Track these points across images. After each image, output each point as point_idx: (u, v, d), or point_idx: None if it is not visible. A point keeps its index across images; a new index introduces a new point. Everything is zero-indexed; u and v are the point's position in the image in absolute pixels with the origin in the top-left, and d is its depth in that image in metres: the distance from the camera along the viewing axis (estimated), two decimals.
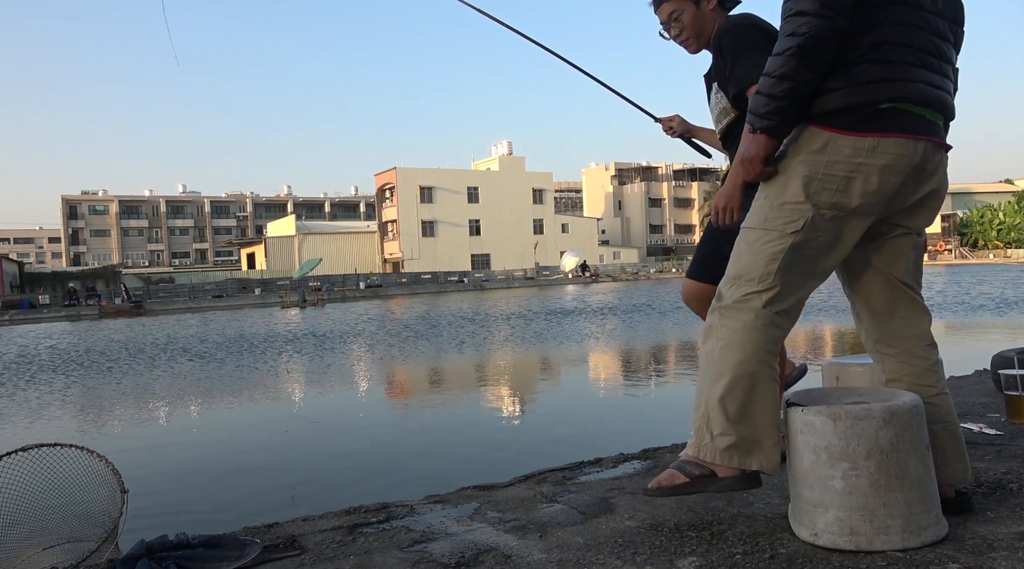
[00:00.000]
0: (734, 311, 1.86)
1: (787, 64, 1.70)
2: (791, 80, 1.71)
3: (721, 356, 1.85)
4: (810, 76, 1.72)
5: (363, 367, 11.83)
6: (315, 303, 38.84)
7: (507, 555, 1.85)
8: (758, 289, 1.84)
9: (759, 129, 1.80)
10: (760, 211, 1.86)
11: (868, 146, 1.72)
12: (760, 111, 1.78)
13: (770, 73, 1.74)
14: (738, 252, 1.90)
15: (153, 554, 1.95)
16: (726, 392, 1.82)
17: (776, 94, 1.73)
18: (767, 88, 1.75)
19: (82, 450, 2.39)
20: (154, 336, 20.16)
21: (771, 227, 1.83)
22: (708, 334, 1.92)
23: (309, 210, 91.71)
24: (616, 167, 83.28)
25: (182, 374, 11.43)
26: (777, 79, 1.72)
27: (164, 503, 4.60)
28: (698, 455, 1.87)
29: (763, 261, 1.83)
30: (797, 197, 1.79)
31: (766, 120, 1.78)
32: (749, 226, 1.89)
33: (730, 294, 1.88)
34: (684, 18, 2.34)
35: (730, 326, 1.86)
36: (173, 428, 7.54)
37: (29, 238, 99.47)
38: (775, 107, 1.75)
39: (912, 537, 1.66)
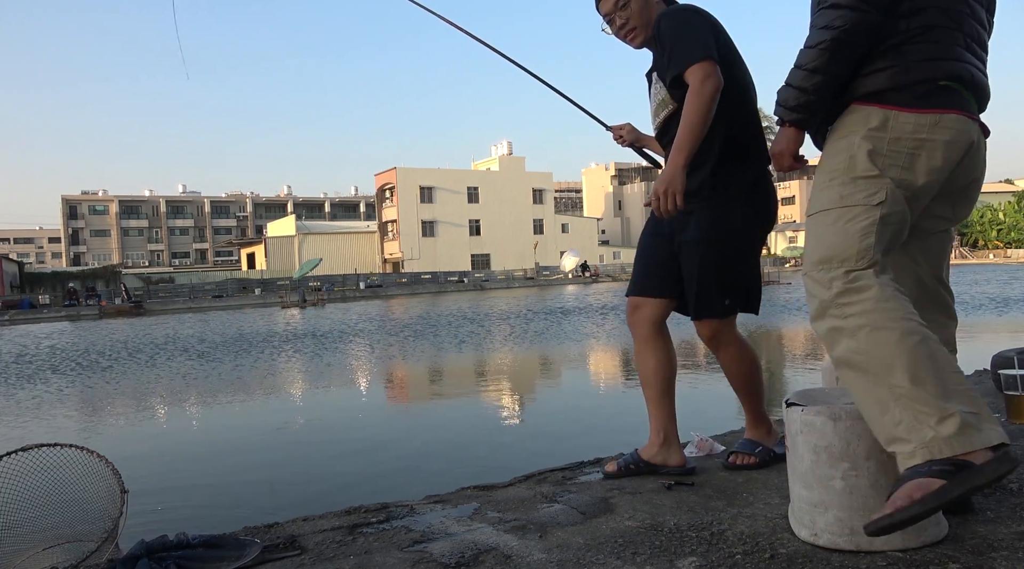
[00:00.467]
0: (851, 295, 1.66)
1: (820, 58, 1.69)
2: (823, 74, 1.70)
3: (875, 344, 1.60)
4: (842, 70, 1.71)
5: (363, 367, 11.83)
6: (315, 303, 38.84)
7: (507, 555, 1.85)
8: (859, 267, 1.68)
9: (789, 122, 1.79)
10: (830, 190, 1.77)
11: (930, 122, 1.69)
12: (790, 104, 1.77)
13: (802, 66, 1.72)
14: (818, 236, 1.76)
15: (153, 554, 1.95)
16: (913, 375, 1.55)
17: (807, 87, 1.72)
18: (798, 81, 1.73)
19: (82, 450, 2.39)
20: (154, 336, 20.16)
21: (853, 202, 1.72)
22: (835, 337, 1.68)
23: (309, 210, 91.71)
24: (616, 167, 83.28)
25: (182, 374, 11.43)
26: (809, 72, 1.71)
27: (164, 503, 4.61)
28: (932, 456, 1.51)
29: (856, 237, 1.69)
30: (870, 170, 1.71)
31: (796, 113, 1.77)
32: (824, 208, 1.77)
33: (831, 281, 1.69)
34: (633, 4, 2.31)
35: (859, 311, 1.64)
36: (173, 428, 7.54)
37: (29, 238, 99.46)
38: (805, 101, 1.74)
39: (912, 537, 1.66)
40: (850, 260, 1.68)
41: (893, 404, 1.56)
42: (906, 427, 1.54)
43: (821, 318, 1.71)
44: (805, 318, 16.65)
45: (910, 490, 1.49)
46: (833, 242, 1.71)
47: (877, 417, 1.60)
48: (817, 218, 1.79)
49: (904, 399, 1.54)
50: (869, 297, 1.63)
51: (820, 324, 1.71)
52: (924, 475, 1.49)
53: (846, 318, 1.65)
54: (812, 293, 1.74)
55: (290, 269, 57.76)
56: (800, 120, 1.78)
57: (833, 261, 1.70)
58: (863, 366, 1.61)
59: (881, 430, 1.59)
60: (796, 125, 1.79)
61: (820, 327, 1.72)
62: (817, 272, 1.72)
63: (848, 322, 1.64)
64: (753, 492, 2.23)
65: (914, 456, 1.52)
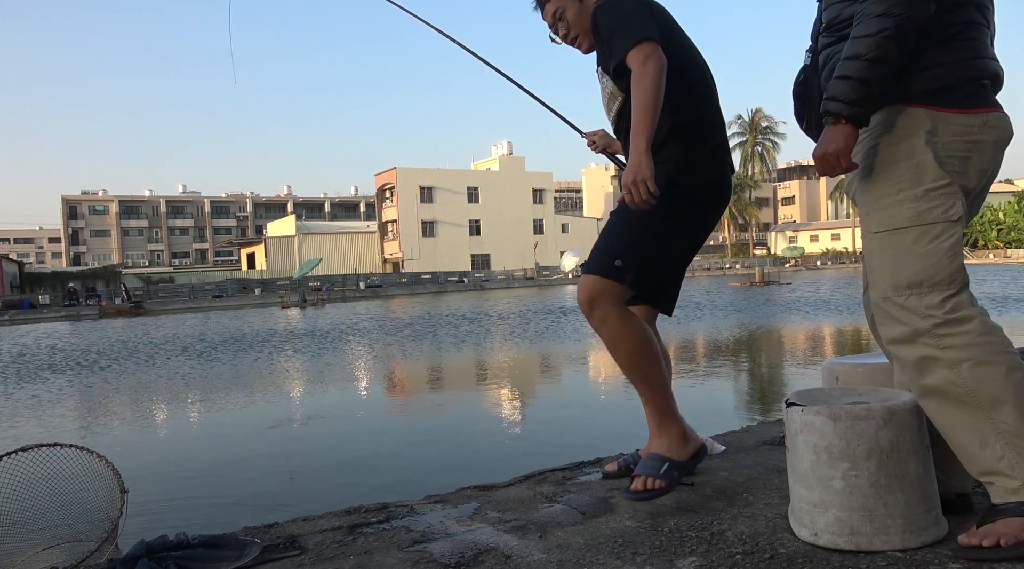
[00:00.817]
0: (952, 326, 1.59)
1: (883, 47, 1.58)
2: (886, 64, 1.60)
3: (980, 379, 1.57)
4: (903, 60, 1.61)
5: (363, 366, 11.83)
6: (315, 303, 38.84)
7: (507, 555, 1.85)
8: (953, 290, 1.61)
9: (848, 117, 1.65)
10: (902, 206, 1.65)
11: (979, 122, 1.64)
12: (850, 98, 1.63)
13: (860, 56, 1.61)
14: (900, 258, 1.66)
15: (153, 554, 1.95)
16: (1021, 412, 1.55)
17: (870, 79, 1.60)
18: (858, 72, 1.61)
19: (82, 450, 2.39)
20: (154, 336, 20.16)
21: (932, 219, 1.62)
22: (929, 366, 1.62)
23: (309, 210, 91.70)
24: (616, 167, 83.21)
25: (182, 373, 11.43)
26: (870, 62, 1.60)
27: (164, 503, 4.61)
28: None
29: (945, 258, 1.61)
30: (940, 179, 1.63)
31: (857, 107, 1.63)
32: (899, 226, 1.66)
33: (926, 309, 1.62)
34: (568, 15, 2.25)
35: (961, 343, 1.59)
36: (173, 428, 7.54)
37: (29, 238, 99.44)
38: (867, 93, 1.62)
39: (912, 537, 1.66)
40: (942, 284, 1.61)
41: (995, 439, 1.57)
42: (1009, 463, 1.56)
43: (910, 344, 1.64)
44: (805, 318, 16.67)
45: (1014, 526, 1.53)
46: (922, 266, 1.63)
47: (974, 450, 1.60)
48: (892, 238, 1.68)
49: (1008, 435, 1.56)
50: (971, 329, 1.59)
51: (908, 351, 1.65)
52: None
53: (945, 349, 1.59)
54: (899, 319, 1.66)
55: (290, 269, 57.76)
56: (860, 115, 1.65)
57: (924, 286, 1.62)
58: (962, 399, 1.59)
59: (976, 462, 1.61)
60: (854, 121, 1.66)
61: (908, 354, 1.65)
62: (905, 298, 1.65)
63: (948, 354, 1.59)
64: (753, 492, 2.23)
65: (1019, 493, 1.56)
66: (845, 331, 13.57)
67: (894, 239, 1.67)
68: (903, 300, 1.65)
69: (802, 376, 8.52)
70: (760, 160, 74.88)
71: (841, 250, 65.82)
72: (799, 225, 76.55)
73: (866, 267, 1.81)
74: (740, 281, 37.95)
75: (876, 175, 1.71)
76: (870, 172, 1.73)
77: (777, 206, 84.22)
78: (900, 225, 1.67)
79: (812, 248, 69.49)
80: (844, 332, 13.43)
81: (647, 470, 2.13)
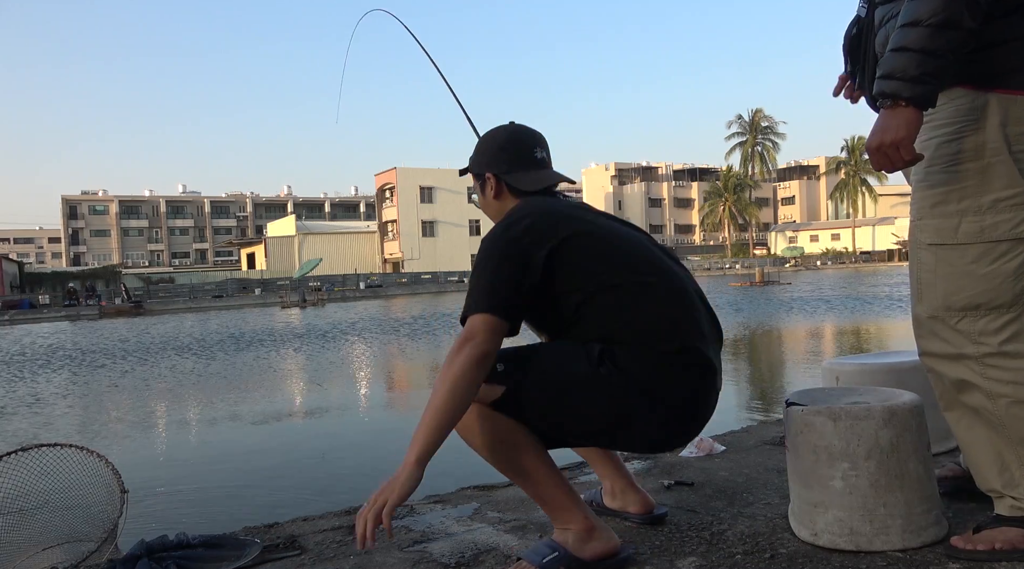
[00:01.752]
0: (1001, 359, 1.47)
1: (950, 7, 1.30)
2: (955, 28, 1.32)
3: (1015, 416, 1.49)
4: (975, 24, 1.33)
5: (363, 366, 11.83)
6: (315, 303, 38.84)
7: (507, 555, 1.85)
8: (1012, 317, 1.46)
9: (909, 98, 1.37)
10: (963, 219, 1.46)
11: None
12: (910, 74, 1.35)
13: (922, 20, 1.33)
14: (955, 278, 1.49)
15: (153, 554, 1.95)
16: None
17: (936, 49, 1.32)
18: (920, 42, 1.33)
19: (82, 450, 2.39)
20: (154, 336, 20.16)
21: (997, 237, 1.44)
22: (968, 388, 1.53)
23: (309, 210, 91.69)
24: (616, 167, 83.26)
25: (182, 373, 11.43)
26: (935, 28, 1.32)
27: (164, 503, 4.61)
28: None
29: (1008, 281, 1.44)
30: (1012, 187, 1.41)
31: (920, 85, 1.35)
32: (955, 243, 1.48)
33: (979, 336, 1.48)
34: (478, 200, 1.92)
35: (1005, 379, 1.47)
36: (173, 427, 7.54)
37: (29, 238, 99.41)
38: (934, 67, 1.34)
39: (912, 537, 1.66)
40: (1002, 309, 1.46)
41: (1016, 468, 1.53)
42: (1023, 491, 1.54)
43: (952, 363, 1.54)
44: (804, 318, 16.66)
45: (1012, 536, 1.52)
46: (981, 289, 1.46)
47: (991, 470, 1.57)
48: (949, 253, 1.49)
49: None
50: (1019, 367, 1.46)
51: (948, 368, 1.55)
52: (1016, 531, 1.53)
53: (988, 380, 1.49)
54: (946, 340, 1.53)
55: (290, 269, 57.75)
56: (926, 93, 1.36)
57: (981, 310, 1.47)
58: (993, 424, 1.53)
59: (988, 481, 1.59)
60: (917, 102, 1.37)
61: (947, 371, 1.55)
62: (956, 320, 1.51)
63: (990, 385, 1.49)
64: (753, 492, 2.23)
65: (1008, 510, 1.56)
66: (845, 331, 13.57)
67: (952, 255, 1.49)
68: (955, 323, 1.51)
69: (802, 376, 8.51)
70: (760, 160, 74.90)
71: (841, 250, 65.78)
72: (799, 225, 76.53)
73: (914, 278, 1.61)
74: (740, 281, 37.94)
75: (934, 175, 1.50)
76: (927, 171, 1.52)
77: (777, 206, 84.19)
78: (962, 241, 1.48)
79: (812, 248, 69.47)
80: (844, 332, 13.43)
81: (529, 556, 1.70)
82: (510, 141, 1.86)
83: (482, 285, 1.60)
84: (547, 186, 1.84)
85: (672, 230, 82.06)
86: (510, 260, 1.61)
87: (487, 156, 1.88)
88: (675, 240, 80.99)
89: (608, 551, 1.70)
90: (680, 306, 1.66)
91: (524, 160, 1.85)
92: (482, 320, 1.55)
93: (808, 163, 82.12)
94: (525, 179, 1.83)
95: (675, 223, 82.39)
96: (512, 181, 1.83)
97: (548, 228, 1.65)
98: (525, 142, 1.87)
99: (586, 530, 1.69)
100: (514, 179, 1.83)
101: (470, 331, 1.55)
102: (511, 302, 1.58)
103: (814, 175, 79.91)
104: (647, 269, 1.67)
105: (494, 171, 1.85)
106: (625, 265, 1.66)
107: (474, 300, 1.58)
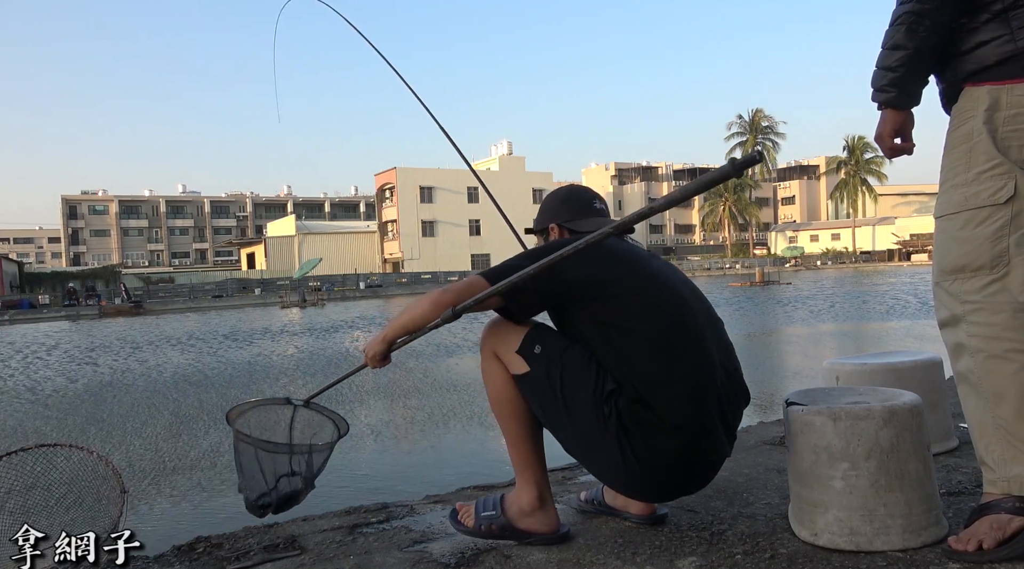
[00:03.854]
0: (982, 314, 1.61)
1: (897, 33, 1.67)
2: (903, 48, 1.67)
3: (989, 372, 1.60)
4: (925, 43, 1.66)
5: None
6: (315, 303, 38.84)
7: (507, 555, 1.85)
8: (996, 276, 1.60)
9: (881, 103, 1.75)
10: (954, 192, 1.67)
11: None
12: (877, 84, 1.74)
13: (884, 45, 1.72)
14: (946, 244, 1.69)
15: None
16: (1017, 410, 1.58)
17: (891, 65, 1.70)
18: (882, 61, 1.72)
19: (82, 450, 2.39)
20: (153, 335, 20.16)
21: (978, 203, 1.62)
22: (959, 352, 1.67)
23: (309, 210, 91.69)
24: (616, 167, 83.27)
25: (182, 372, 11.44)
26: (890, 50, 1.70)
27: (164, 503, 4.61)
28: (1011, 491, 1.59)
29: (987, 243, 1.60)
30: (991, 160, 1.61)
31: (884, 93, 1.73)
32: (949, 212, 1.68)
33: (965, 295, 1.63)
34: None
35: (984, 334, 1.60)
36: (173, 427, 7.54)
37: (29, 238, 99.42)
38: (891, 78, 1.71)
39: (912, 537, 1.66)
40: (983, 270, 1.61)
41: (992, 431, 1.61)
42: (997, 457, 1.61)
43: (951, 329, 1.68)
44: (805, 318, 16.65)
45: (989, 526, 1.58)
46: (963, 251, 1.64)
47: (976, 437, 1.67)
48: (943, 223, 1.71)
49: (1003, 431, 1.60)
50: (997, 322, 1.59)
51: (948, 335, 1.69)
52: (1001, 510, 1.59)
53: (971, 337, 1.63)
54: (943, 304, 1.70)
55: (290, 269, 57.75)
56: (890, 99, 1.74)
57: (965, 271, 1.64)
58: (976, 387, 1.64)
59: (978, 451, 1.67)
60: (888, 105, 1.74)
61: (948, 338, 1.70)
62: (949, 283, 1.68)
63: (972, 342, 1.63)
64: (753, 492, 2.23)
65: (994, 485, 1.62)
66: (845, 331, 13.57)
67: (946, 224, 1.69)
68: (948, 285, 1.68)
69: (802, 376, 8.51)
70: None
71: (841, 250, 65.78)
72: (799, 225, 76.53)
73: None
74: (740, 281, 37.95)
75: (944, 160, 1.74)
76: (943, 158, 1.75)
77: (777, 206, 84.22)
78: (950, 211, 1.68)
79: (812, 248, 69.46)
80: (844, 332, 13.43)
81: (477, 505, 1.97)
82: (571, 194, 2.05)
83: (508, 262, 1.78)
84: None
85: (672, 230, 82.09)
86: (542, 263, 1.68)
87: (549, 211, 2.04)
88: (675, 240, 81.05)
89: (541, 529, 1.90)
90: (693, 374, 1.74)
91: (584, 209, 2.01)
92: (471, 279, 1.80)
93: (808, 163, 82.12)
94: (585, 224, 1.95)
95: (675, 223, 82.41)
96: (573, 227, 1.98)
97: (595, 260, 1.77)
98: (584, 194, 2.06)
99: (531, 506, 1.89)
100: (575, 225, 1.98)
101: (462, 283, 1.80)
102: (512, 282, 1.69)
103: (814, 175, 79.92)
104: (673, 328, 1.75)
105: (556, 221, 2.01)
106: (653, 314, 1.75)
107: (492, 269, 1.79)
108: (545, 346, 1.80)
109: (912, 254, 59.62)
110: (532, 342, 1.81)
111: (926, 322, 14.12)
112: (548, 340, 1.81)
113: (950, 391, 2.04)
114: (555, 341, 1.81)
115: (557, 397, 1.77)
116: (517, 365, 1.82)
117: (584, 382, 1.75)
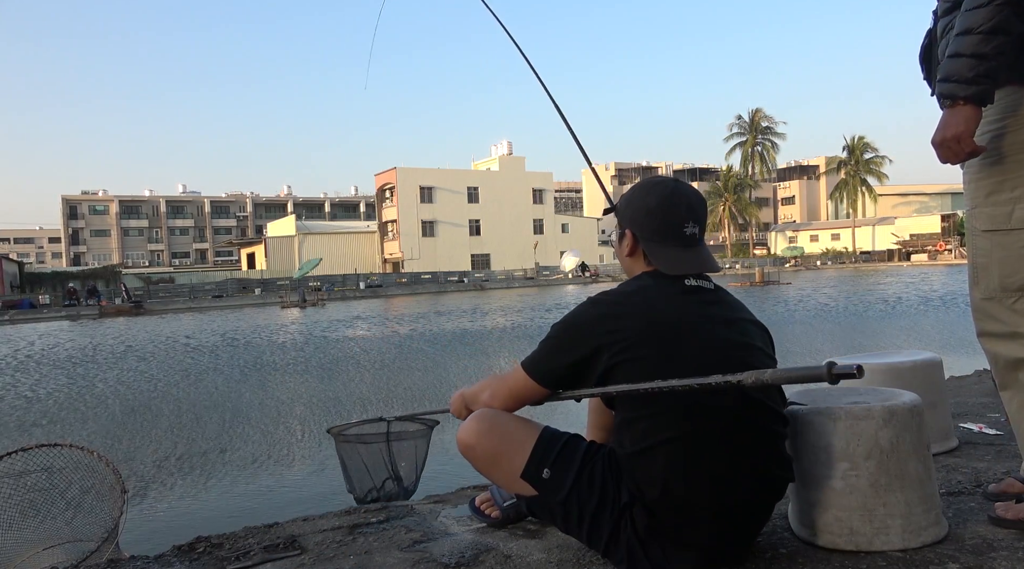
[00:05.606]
0: None
1: (999, 15, 1.47)
2: (1004, 33, 1.48)
3: None
4: (1021, 27, 1.49)
5: (363, 365, 11.83)
6: (315, 303, 38.82)
7: (507, 555, 1.85)
8: None
9: (966, 97, 1.53)
10: (1016, 206, 1.57)
11: None
12: (966, 75, 1.51)
13: (974, 29, 1.50)
14: (1009, 261, 1.60)
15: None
16: None
17: (987, 52, 1.49)
18: (972, 47, 1.50)
19: (82, 450, 2.39)
20: (153, 335, 20.16)
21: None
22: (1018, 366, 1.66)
23: (309, 210, 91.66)
24: (616, 167, 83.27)
25: (181, 372, 11.43)
26: (986, 35, 1.48)
27: (164, 503, 4.61)
28: None
29: None
30: None
31: (975, 85, 1.51)
32: (1011, 228, 1.59)
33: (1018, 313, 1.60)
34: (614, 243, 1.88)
35: None
36: (173, 428, 7.53)
37: (29, 238, 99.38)
38: (986, 68, 1.50)
39: (912, 537, 1.66)
40: None
41: None
42: None
43: (1007, 342, 1.65)
44: (804, 318, 16.65)
45: None
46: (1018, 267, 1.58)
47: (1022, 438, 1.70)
48: (1004, 239, 1.61)
49: None
50: None
51: (1003, 347, 1.65)
52: None
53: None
54: (998, 318, 1.65)
55: (290, 269, 57.72)
56: (981, 93, 1.53)
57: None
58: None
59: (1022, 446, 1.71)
60: (974, 100, 1.53)
61: (1002, 350, 1.66)
62: (1014, 301, 1.63)
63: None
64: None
65: None
66: (845, 331, 13.57)
67: (1007, 240, 1.60)
68: (1011, 303, 1.62)
69: None
70: (760, 160, 74.83)
71: (841, 250, 65.73)
72: (799, 225, 76.48)
73: (970, 263, 1.73)
74: (740, 281, 37.93)
75: (988, 167, 1.61)
76: (981, 163, 1.62)
77: (777, 206, 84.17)
78: (1014, 226, 1.59)
79: (812, 248, 69.41)
80: (844, 332, 13.43)
81: (495, 496, 2.11)
82: (661, 207, 1.69)
83: (545, 347, 1.69)
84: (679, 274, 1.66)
85: None
86: (573, 340, 1.64)
87: (634, 212, 1.73)
88: None
89: None
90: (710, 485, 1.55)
91: (669, 234, 1.68)
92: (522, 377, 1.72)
93: (808, 163, 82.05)
94: (661, 255, 1.67)
95: None
96: (648, 250, 1.69)
97: (629, 334, 1.57)
98: (677, 212, 1.68)
99: None
100: (650, 249, 1.69)
101: (514, 379, 1.74)
102: (556, 374, 1.68)
103: (814, 175, 79.85)
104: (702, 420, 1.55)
105: (635, 231, 1.72)
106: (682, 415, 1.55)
107: (532, 359, 1.71)
108: (554, 470, 1.66)
109: (912, 254, 59.57)
110: (539, 465, 1.68)
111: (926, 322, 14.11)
112: (558, 462, 1.67)
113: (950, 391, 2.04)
114: (565, 461, 1.67)
115: (572, 524, 1.68)
116: (520, 487, 1.72)
117: (601, 505, 1.63)
